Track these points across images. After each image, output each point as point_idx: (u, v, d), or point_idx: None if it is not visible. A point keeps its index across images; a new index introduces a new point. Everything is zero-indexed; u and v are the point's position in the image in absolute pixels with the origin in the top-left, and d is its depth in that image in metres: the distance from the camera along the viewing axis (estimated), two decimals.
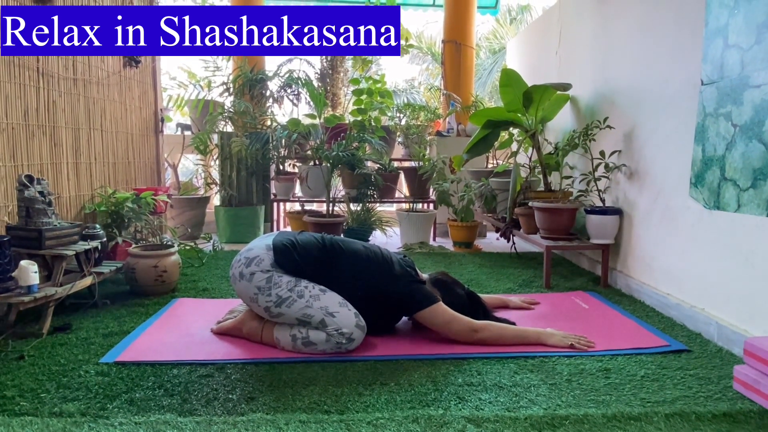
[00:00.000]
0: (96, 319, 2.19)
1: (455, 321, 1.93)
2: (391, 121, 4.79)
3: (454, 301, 2.02)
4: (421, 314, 1.94)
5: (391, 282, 1.96)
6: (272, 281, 1.85)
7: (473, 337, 1.92)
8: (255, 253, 1.91)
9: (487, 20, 12.12)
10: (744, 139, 1.88)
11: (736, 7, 1.94)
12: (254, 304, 1.89)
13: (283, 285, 1.85)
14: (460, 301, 2.05)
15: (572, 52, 3.60)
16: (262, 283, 1.85)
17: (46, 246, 2.12)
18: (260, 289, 1.85)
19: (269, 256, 1.90)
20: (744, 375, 1.55)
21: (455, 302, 2.02)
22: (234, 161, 4.29)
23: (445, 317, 1.93)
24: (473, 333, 1.92)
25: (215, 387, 1.57)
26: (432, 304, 1.94)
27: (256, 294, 1.86)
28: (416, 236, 4.10)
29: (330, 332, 1.80)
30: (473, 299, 2.13)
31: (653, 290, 2.47)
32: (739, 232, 1.93)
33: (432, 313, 1.93)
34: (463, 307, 2.03)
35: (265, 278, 1.86)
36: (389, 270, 1.98)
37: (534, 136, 3.34)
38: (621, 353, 1.86)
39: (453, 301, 2.01)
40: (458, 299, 2.06)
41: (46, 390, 1.53)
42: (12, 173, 2.49)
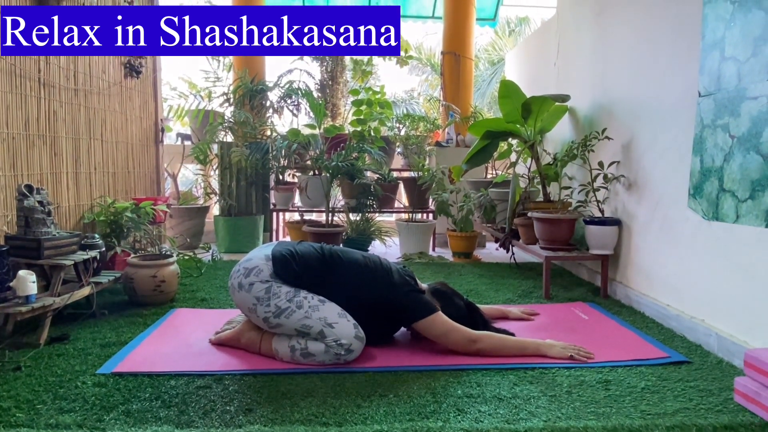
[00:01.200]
0: (94, 329, 2.18)
1: (454, 331, 1.92)
2: (391, 131, 4.81)
3: (453, 312, 2.01)
4: (420, 324, 1.93)
5: (390, 291, 1.95)
6: (271, 292, 1.85)
7: (471, 348, 1.91)
8: (254, 264, 1.91)
9: (486, 32, 12.23)
10: (742, 151, 1.89)
11: (732, 20, 1.95)
12: (253, 314, 1.88)
13: (282, 295, 1.84)
14: (459, 311, 2.05)
15: (570, 64, 3.62)
16: (261, 294, 1.85)
17: (45, 256, 2.11)
18: (259, 300, 1.85)
19: (268, 267, 1.89)
20: (745, 387, 1.54)
21: (454, 313, 2.01)
22: (234, 171, 4.30)
23: (443, 327, 1.92)
24: (472, 343, 1.91)
25: (213, 398, 1.56)
26: (431, 314, 1.93)
27: (255, 304, 1.85)
28: (416, 246, 4.10)
29: (329, 343, 1.79)
30: (472, 310, 2.13)
31: (653, 301, 2.46)
32: (738, 243, 1.93)
33: (430, 323, 1.93)
34: (463, 317, 2.02)
35: (264, 288, 1.85)
36: (388, 279, 1.97)
37: (533, 147, 3.35)
38: (621, 365, 1.85)
39: (452, 312, 2.00)
40: (457, 310, 2.05)
41: (42, 401, 1.52)
42: (12, 183, 2.50)
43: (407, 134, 4.72)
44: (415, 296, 1.97)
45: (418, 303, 1.95)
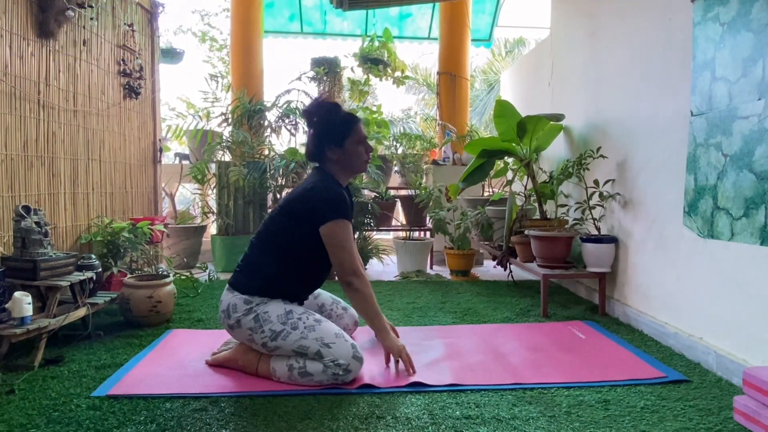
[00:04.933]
0: (89, 351, 2.16)
1: (348, 252, 1.88)
2: (388, 150, 4.84)
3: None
4: (326, 227, 1.88)
5: (304, 204, 1.92)
6: (261, 319, 1.86)
7: (348, 278, 1.88)
8: (225, 303, 1.95)
9: (483, 52, 12.39)
10: (735, 169, 1.91)
11: (721, 41, 1.99)
12: (252, 343, 1.90)
13: (273, 320, 1.86)
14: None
15: (564, 84, 3.67)
16: (252, 324, 1.87)
17: (41, 277, 2.11)
18: (253, 330, 1.87)
19: (234, 296, 1.93)
20: (744, 406, 1.53)
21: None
22: (231, 190, 4.31)
23: (343, 241, 1.88)
24: (353, 275, 1.88)
25: (209, 421, 1.54)
26: (340, 219, 1.88)
27: (251, 334, 1.88)
28: (413, 264, 4.09)
29: (326, 363, 1.78)
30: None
31: (651, 319, 2.46)
32: (734, 261, 1.94)
33: (334, 229, 1.88)
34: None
35: (252, 319, 1.87)
36: (299, 206, 1.96)
37: (528, 165, 3.37)
38: (620, 384, 1.84)
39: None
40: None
41: (35, 425, 1.50)
42: (9, 204, 2.50)
43: (404, 153, 4.76)
44: (332, 203, 1.91)
45: (332, 206, 1.89)
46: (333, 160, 2.00)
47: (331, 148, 1.99)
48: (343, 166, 2.02)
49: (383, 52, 5.11)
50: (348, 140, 1.99)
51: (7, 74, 2.50)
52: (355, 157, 2.01)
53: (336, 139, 1.98)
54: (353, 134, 1.99)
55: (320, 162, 2.04)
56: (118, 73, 3.56)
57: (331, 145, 1.99)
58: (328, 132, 1.99)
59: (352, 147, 2.00)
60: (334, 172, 2.02)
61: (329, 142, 1.99)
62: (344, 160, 2.01)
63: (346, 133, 1.99)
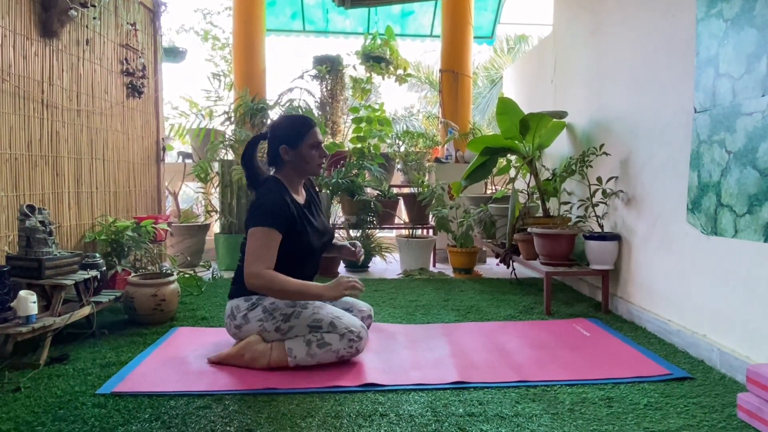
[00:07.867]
0: (94, 349, 2.17)
1: (253, 258, 1.87)
2: (390, 148, 4.84)
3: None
4: (249, 232, 1.91)
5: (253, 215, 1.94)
6: (268, 309, 1.94)
7: (248, 281, 1.88)
8: (228, 309, 2.03)
9: (485, 50, 12.36)
10: (738, 166, 1.90)
11: (725, 38, 1.98)
12: (264, 332, 1.96)
13: (281, 306, 1.94)
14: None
15: (567, 81, 3.66)
16: (261, 314, 1.94)
17: (46, 276, 2.12)
18: (263, 318, 1.94)
19: (237, 300, 2.00)
20: (748, 403, 1.53)
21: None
22: (235, 189, 4.32)
23: (253, 247, 1.88)
24: (251, 278, 1.87)
25: (213, 419, 1.55)
26: (260, 226, 1.88)
27: (261, 323, 1.94)
28: (416, 262, 4.10)
29: (341, 332, 1.89)
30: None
31: (654, 316, 2.45)
32: (737, 258, 1.93)
33: (252, 234, 1.89)
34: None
35: (260, 309, 1.95)
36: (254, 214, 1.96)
37: (531, 163, 3.37)
38: (623, 381, 1.84)
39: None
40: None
41: (41, 423, 1.51)
42: (14, 203, 2.51)
43: (407, 151, 4.75)
44: (267, 208, 1.92)
45: (263, 213, 1.91)
46: (286, 161, 2.05)
47: (285, 148, 2.04)
48: (295, 167, 2.07)
49: (385, 50, 5.10)
50: (302, 142, 2.04)
51: (10, 74, 2.51)
52: (308, 159, 2.06)
53: (290, 139, 2.04)
54: (308, 137, 2.04)
55: (276, 165, 2.10)
56: (121, 72, 3.57)
57: (285, 145, 2.03)
58: (284, 133, 2.05)
59: (306, 150, 2.05)
60: (287, 174, 2.07)
61: (283, 142, 2.04)
62: (297, 161, 2.05)
63: (301, 134, 2.04)
